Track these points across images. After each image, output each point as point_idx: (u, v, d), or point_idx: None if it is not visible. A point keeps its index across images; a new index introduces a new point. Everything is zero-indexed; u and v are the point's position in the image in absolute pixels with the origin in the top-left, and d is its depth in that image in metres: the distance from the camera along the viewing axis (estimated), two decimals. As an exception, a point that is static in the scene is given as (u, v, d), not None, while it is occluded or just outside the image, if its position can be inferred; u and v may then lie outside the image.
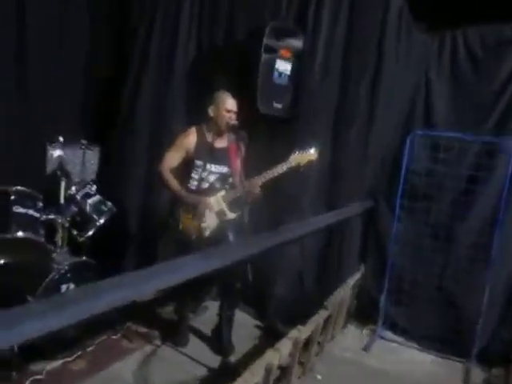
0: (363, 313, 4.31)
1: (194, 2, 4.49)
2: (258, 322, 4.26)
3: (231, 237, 3.56)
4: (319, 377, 3.52)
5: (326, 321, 3.63)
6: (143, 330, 3.89)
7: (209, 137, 3.57)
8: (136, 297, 1.73)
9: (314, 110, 4.11)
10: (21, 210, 3.33)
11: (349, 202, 3.96)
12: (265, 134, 4.22)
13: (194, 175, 3.56)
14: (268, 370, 2.66)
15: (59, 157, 4.00)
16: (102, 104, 4.80)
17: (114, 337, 3.71)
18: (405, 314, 4.16)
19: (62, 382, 3.15)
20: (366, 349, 4.01)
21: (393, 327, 4.18)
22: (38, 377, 3.11)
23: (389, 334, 4.18)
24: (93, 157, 4.51)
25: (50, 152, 4.18)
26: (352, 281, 4.06)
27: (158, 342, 3.76)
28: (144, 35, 4.60)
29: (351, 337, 4.20)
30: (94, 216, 3.70)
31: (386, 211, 4.19)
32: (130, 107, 4.65)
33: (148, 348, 3.68)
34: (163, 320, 4.07)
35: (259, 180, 3.41)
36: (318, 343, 3.70)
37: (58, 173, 3.68)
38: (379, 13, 3.93)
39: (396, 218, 4.07)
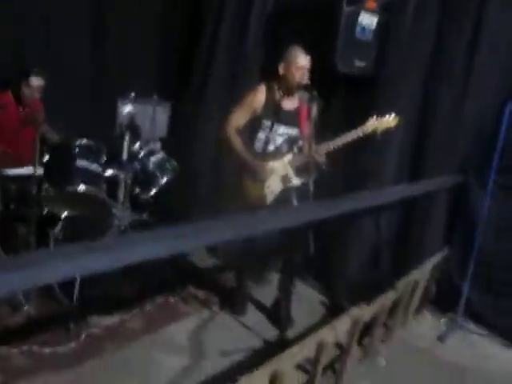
0: (443, 299, 4.06)
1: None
2: (324, 299, 4.17)
3: (295, 204, 3.46)
4: (383, 362, 3.39)
5: (396, 304, 3.47)
6: (202, 294, 3.94)
7: (279, 96, 3.46)
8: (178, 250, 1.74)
9: (401, 70, 3.84)
10: (84, 163, 3.44)
11: (436, 175, 3.69)
12: (342, 95, 4.04)
13: (261, 135, 3.47)
14: (320, 346, 2.59)
15: (129, 112, 4.11)
16: (176, 61, 4.84)
17: (173, 299, 3.80)
18: (492, 304, 3.88)
19: (117, 337, 3.28)
20: (441, 339, 3.79)
21: (476, 318, 3.92)
22: (95, 330, 3.27)
23: (470, 325, 3.93)
24: (163, 113, 4.57)
25: (121, 107, 4.30)
26: (432, 263, 3.82)
27: (215, 309, 3.80)
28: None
29: (426, 324, 3.99)
30: (157, 174, 3.77)
31: (477, 188, 3.87)
32: (204, 65, 4.64)
33: (205, 313, 3.73)
34: (223, 287, 4.10)
35: (327, 146, 3.27)
36: (386, 327, 3.56)
37: (124, 128, 3.77)
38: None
39: (488, 196, 3.75)
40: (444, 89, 3.76)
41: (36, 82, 3.80)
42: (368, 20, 3.77)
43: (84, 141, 3.48)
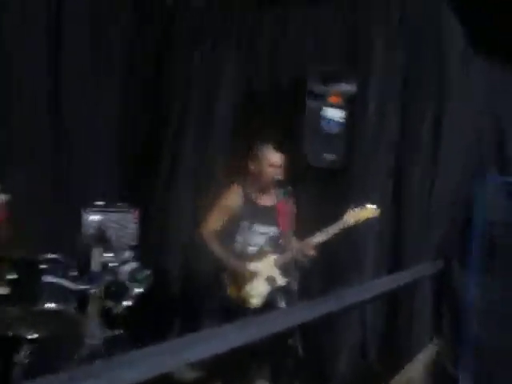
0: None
1: (231, 50, 4.59)
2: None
3: (282, 306, 3.44)
4: None
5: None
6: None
7: (254, 195, 3.53)
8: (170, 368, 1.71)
9: (370, 159, 4.02)
10: (51, 279, 3.37)
11: (415, 263, 3.77)
12: (315, 188, 4.15)
13: (239, 237, 3.49)
14: None
15: (95, 221, 4.10)
16: (141, 162, 4.91)
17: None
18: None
19: None
20: None
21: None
22: None
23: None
24: (132, 220, 4.56)
25: (87, 217, 4.28)
26: (424, 357, 3.80)
27: (201, 428, 3.63)
28: (183, 87, 4.72)
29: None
30: (130, 285, 3.70)
31: (460, 272, 3.96)
32: (170, 163, 4.73)
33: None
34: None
35: (313, 240, 3.32)
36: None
37: (93, 240, 3.73)
38: (439, 45, 3.88)
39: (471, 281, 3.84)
40: (414, 178, 3.94)
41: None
42: (333, 113, 3.97)
43: (50, 255, 3.43)
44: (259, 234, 3.49)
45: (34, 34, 4.31)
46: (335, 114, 3.99)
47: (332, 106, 3.97)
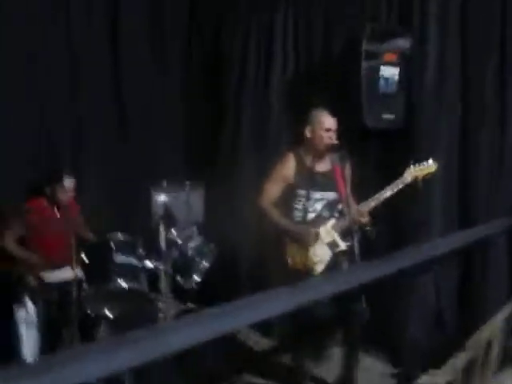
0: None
1: (287, 19, 4.54)
2: (391, 369, 4.01)
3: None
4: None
5: (471, 365, 3.30)
6: (260, 381, 3.86)
7: (308, 161, 3.51)
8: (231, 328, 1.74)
9: (432, 116, 3.87)
10: (122, 258, 3.53)
11: (486, 219, 3.62)
12: (374, 150, 4.07)
13: (298, 206, 3.50)
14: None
15: (163, 201, 4.23)
16: (203, 140, 5.01)
17: (230, 389, 3.73)
18: None
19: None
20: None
21: None
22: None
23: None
24: (197, 198, 4.68)
25: (155, 198, 4.43)
26: (503, 315, 3.66)
27: (275, 395, 3.71)
28: (239, 61, 4.75)
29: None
30: (197, 260, 3.81)
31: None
32: (230, 139, 4.80)
33: (265, 401, 3.64)
34: (281, 370, 3.99)
35: (368, 205, 3.29)
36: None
37: (161, 220, 3.86)
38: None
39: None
40: (481, 132, 3.75)
41: (69, 183, 3.95)
42: (389, 72, 3.85)
43: (120, 236, 3.58)
44: (317, 200, 3.48)
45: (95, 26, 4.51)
46: (392, 73, 3.86)
47: (388, 64, 3.84)
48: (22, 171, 4.05)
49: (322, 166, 3.52)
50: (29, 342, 3.64)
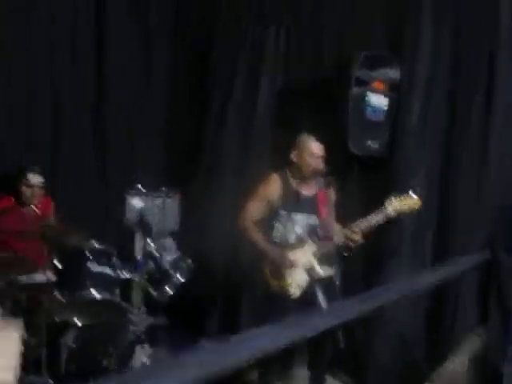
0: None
1: (279, 38, 4.52)
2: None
3: (321, 299, 3.39)
4: None
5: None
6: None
7: (294, 184, 3.50)
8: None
9: (415, 146, 3.90)
10: (96, 268, 3.44)
11: (460, 254, 3.66)
12: (357, 177, 4.08)
13: (278, 226, 3.48)
14: None
15: (138, 207, 4.15)
16: (183, 148, 4.93)
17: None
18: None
19: None
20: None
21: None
22: None
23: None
24: (173, 205, 4.60)
25: (129, 202, 4.34)
26: (469, 348, 3.71)
27: (241, 413, 3.67)
28: (226, 74, 4.69)
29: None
30: (172, 273, 3.74)
31: (508, 263, 3.83)
32: (211, 150, 4.73)
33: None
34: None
35: (359, 225, 3.28)
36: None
37: (135, 225, 3.79)
38: (489, 35, 3.69)
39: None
40: (461, 167, 3.79)
41: (34, 179, 3.78)
42: (377, 100, 3.86)
43: (96, 244, 3.49)
44: (298, 223, 3.46)
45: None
46: (379, 101, 3.87)
47: (376, 92, 3.85)
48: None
49: (307, 190, 3.51)
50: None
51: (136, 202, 4.32)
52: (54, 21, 4.27)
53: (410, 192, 3.41)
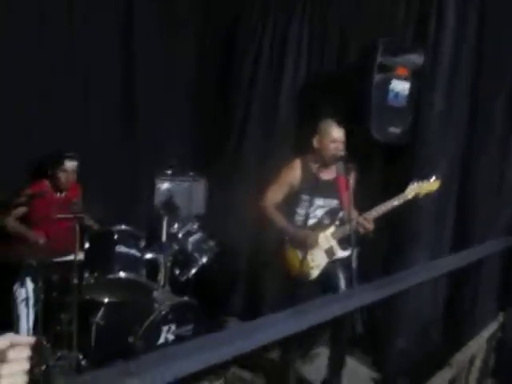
0: (505, 371, 3.93)
1: (303, 24, 4.54)
2: (375, 375, 4.10)
3: (342, 280, 3.48)
4: None
5: (454, 381, 3.37)
6: (247, 375, 3.93)
7: (314, 169, 3.54)
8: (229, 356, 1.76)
9: (437, 134, 3.90)
10: (123, 249, 3.56)
11: (480, 240, 3.67)
12: (379, 162, 4.10)
13: (300, 210, 3.54)
14: None
15: (166, 190, 4.27)
16: (210, 134, 5.03)
17: (217, 382, 3.79)
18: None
19: None
20: (506, 416, 3.65)
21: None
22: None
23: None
24: (200, 189, 4.72)
25: (158, 185, 4.47)
26: (487, 333, 3.72)
27: (262, 390, 3.78)
28: (251, 62, 4.76)
29: (489, 400, 3.85)
30: (196, 255, 3.86)
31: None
32: (237, 137, 4.82)
33: (252, 396, 3.72)
34: (269, 366, 4.07)
35: (371, 214, 3.33)
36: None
37: (162, 209, 3.90)
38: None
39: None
40: (484, 155, 3.78)
41: (70, 165, 3.95)
42: (400, 86, 3.86)
43: (123, 227, 3.61)
44: (319, 207, 3.52)
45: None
46: (402, 87, 3.87)
47: (399, 78, 3.85)
48: (26, 154, 4.06)
49: (327, 175, 3.55)
50: (26, 321, 3.71)
51: (165, 185, 4.44)
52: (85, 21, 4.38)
53: (431, 178, 3.44)
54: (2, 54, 3.86)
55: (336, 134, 3.47)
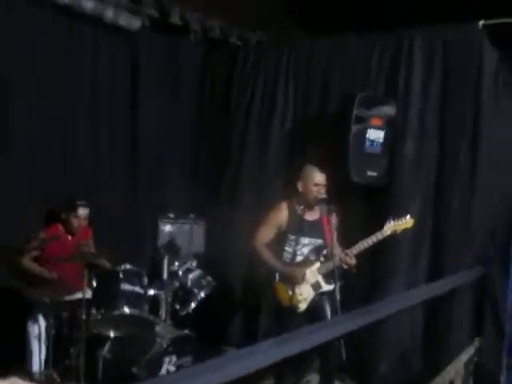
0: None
1: (289, 75, 5.01)
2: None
3: (328, 311, 3.78)
4: None
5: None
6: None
7: (300, 210, 3.88)
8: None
9: (410, 176, 4.29)
10: (128, 287, 3.86)
11: (453, 271, 3.99)
12: (359, 203, 4.47)
13: (288, 248, 3.87)
14: None
15: (169, 232, 4.62)
16: (208, 181, 5.41)
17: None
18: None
19: None
20: None
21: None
22: None
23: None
24: (199, 230, 5.07)
25: (161, 227, 4.83)
26: (465, 357, 3.98)
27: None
28: (245, 114, 5.21)
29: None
30: (195, 290, 4.18)
31: (500, 278, 4.13)
32: (232, 184, 5.23)
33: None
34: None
35: (353, 250, 3.68)
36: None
37: (165, 249, 4.24)
38: (474, 74, 4.09)
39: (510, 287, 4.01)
40: (453, 194, 4.15)
41: (83, 212, 4.29)
42: (375, 135, 4.26)
43: (127, 266, 3.93)
44: (305, 245, 3.85)
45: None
46: (377, 135, 4.27)
47: (374, 127, 4.25)
48: (39, 198, 4.43)
49: (312, 216, 3.89)
50: (38, 356, 3.98)
51: (167, 228, 4.79)
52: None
53: (407, 216, 3.81)
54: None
55: (318, 178, 3.83)
